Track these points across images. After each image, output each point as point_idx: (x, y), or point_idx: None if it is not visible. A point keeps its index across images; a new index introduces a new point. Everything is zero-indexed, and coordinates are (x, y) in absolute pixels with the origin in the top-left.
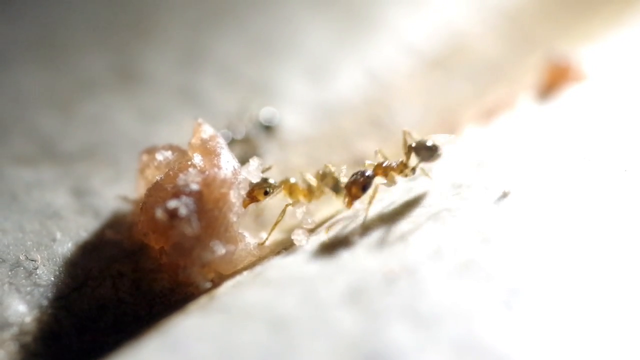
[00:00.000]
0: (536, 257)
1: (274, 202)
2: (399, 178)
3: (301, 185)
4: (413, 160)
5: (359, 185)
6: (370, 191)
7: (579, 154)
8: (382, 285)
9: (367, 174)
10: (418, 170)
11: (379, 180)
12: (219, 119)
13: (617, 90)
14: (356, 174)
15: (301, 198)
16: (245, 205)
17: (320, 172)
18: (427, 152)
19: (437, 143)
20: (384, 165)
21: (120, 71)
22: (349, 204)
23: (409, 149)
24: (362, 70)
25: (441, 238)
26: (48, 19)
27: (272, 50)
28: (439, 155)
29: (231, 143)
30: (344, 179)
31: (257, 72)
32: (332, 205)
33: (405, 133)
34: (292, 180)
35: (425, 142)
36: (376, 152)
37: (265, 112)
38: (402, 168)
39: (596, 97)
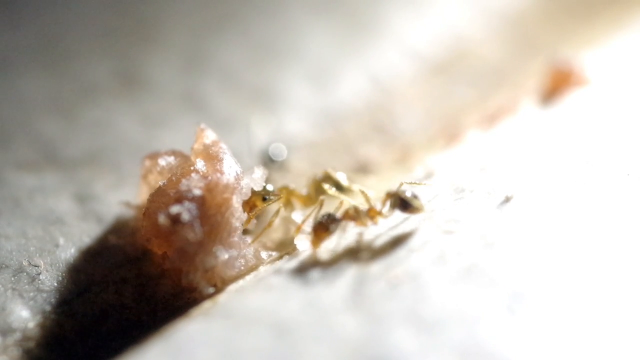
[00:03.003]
0: (539, 261)
1: (275, 207)
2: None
3: (300, 192)
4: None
5: (324, 227)
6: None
7: (581, 158)
8: (386, 290)
9: (334, 217)
10: (421, 172)
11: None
12: (222, 124)
13: (619, 94)
14: (324, 215)
15: (299, 204)
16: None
17: (319, 176)
18: (403, 204)
19: (417, 196)
20: (354, 209)
21: (123, 77)
22: (315, 244)
23: (387, 196)
24: (364, 76)
25: (444, 243)
26: (51, 25)
27: (275, 55)
28: (416, 209)
29: None
30: (344, 181)
31: (260, 78)
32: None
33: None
34: (291, 186)
35: (403, 192)
36: (362, 192)
37: (274, 148)
38: (374, 214)
39: (599, 101)
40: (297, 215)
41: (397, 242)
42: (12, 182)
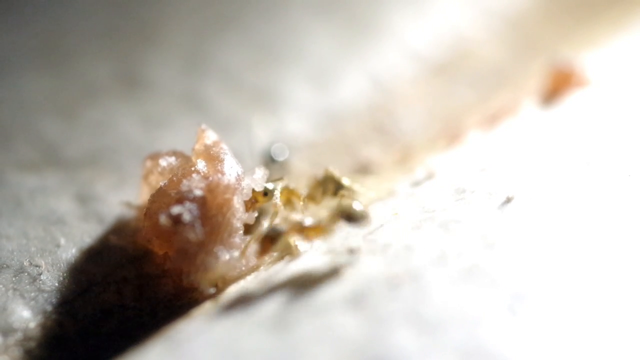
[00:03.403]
0: (540, 262)
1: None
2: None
3: (300, 191)
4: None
5: (268, 240)
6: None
7: (582, 159)
8: (386, 291)
9: (279, 231)
10: (422, 173)
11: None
12: (223, 124)
13: (620, 95)
14: (270, 229)
15: (300, 204)
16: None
17: (320, 177)
18: (351, 219)
19: (365, 210)
20: (300, 224)
21: (124, 77)
22: (261, 254)
23: (335, 212)
24: (365, 76)
25: (445, 243)
26: (52, 26)
27: (276, 56)
28: (364, 223)
29: None
30: (346, 182)
31: (261, 78)
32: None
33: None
34: (291, 186)
35: (350, 207)
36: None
37: (275, 148)
38: (320, 231)
39: (599, 102)
40: (297, 216)
41: (398, 242)
42: (13, 182)
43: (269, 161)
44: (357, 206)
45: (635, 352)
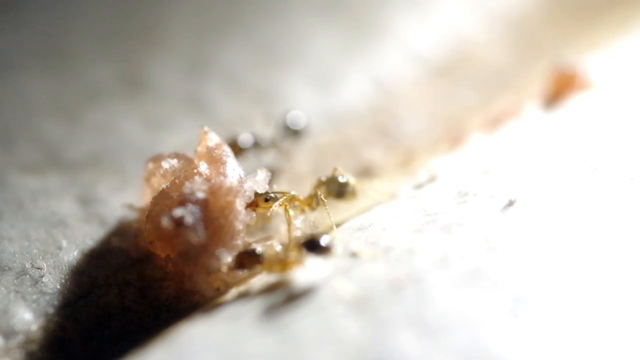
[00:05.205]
0: (542, 265)
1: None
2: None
3: (301, 198)
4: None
5: (241, 260)
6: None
7: (584, 162)
8: (389, 294)
9: (256, 252)
10: (425, 175)
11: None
12: (225, 126)
13: (623, 98)
14: (250, 251)
15: (304, 208)
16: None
17: (324, 178)
18: (315, 248)
19: (328, 239)
20: (275, 258)
21: (126, 79)
22: (232, 269)
23: (302, 245)
24: (368, 78)
25: (447, 246)
26: (54, 28)
27: (278, 58)
28: (327, 251)
29: (256, 148)
30: (352, 180)
31: (263, 80)
32: (336, 213)
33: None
34: (293, 192)
35: (317, 238)
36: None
37: (292, 116)
38: (289, 264)
39: (602, 105)
40: (299, 220)
41: (400, 245)
42: (15, 184)
43: (286, 130)
44: (323, 239)
45: (635, 354)
